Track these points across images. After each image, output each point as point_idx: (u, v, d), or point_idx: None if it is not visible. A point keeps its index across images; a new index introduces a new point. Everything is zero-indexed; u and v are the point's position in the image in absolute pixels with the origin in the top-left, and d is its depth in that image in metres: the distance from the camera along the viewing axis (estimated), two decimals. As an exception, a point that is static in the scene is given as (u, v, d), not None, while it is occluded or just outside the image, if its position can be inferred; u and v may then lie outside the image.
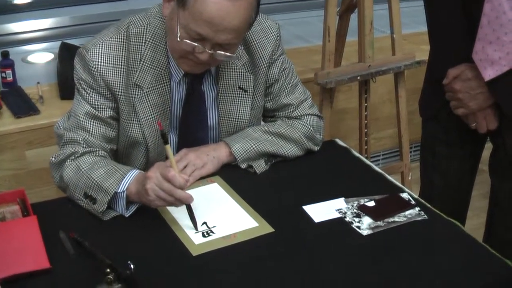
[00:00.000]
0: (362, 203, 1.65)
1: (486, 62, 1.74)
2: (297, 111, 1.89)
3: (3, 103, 2.60)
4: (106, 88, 1.68)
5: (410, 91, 2.86)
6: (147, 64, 1.69)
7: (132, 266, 1.31)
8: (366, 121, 2.77)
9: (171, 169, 1.51)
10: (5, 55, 2.75)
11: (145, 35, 1.69)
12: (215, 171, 1.78)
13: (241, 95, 1.80)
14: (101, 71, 1.66)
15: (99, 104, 1.69)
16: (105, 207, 1.57)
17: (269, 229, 1.55)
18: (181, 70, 1.71)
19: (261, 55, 1.80)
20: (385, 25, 2.81)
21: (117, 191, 1.56)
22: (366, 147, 2.81)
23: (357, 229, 1.56)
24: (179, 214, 1.59)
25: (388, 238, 1.53)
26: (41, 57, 3.14)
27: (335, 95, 3.07)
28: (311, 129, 1.87)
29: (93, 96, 1.69)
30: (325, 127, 1.97)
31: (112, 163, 1.66)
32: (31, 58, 3.12)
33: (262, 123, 1.94)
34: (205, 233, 1.53)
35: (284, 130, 1.84)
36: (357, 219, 1.59)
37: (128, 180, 1.58)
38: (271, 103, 1.88)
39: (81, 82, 1.69)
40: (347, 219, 1.60)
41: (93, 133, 1.69)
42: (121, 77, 1.68)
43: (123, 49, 1.68)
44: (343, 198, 1.68)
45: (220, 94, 1.79)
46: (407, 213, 1.62)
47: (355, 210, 1.63)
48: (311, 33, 3.59)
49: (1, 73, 2.74)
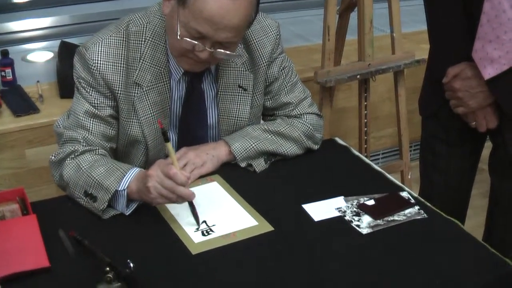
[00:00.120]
0: (361, 202, 1.65)
1: (485, 60, 1.74)
2: (296, 109, 1.89)
3: (2, 102, 2.60)
4: (105, 86, 1.67)
5: (409, 90, 2.86)
6: (146, 62, 1.68)
7: (131, 264, 1.31)
8: (365, 120, 2.77)
9: (172, 166, 1.51)
10: (5, 54, 2.75)
11: (145, 34, 1.69)
12: (215, 170, 1.78)
13: (240, 94, 1.80)
14: (101, 70, 1.66)
15: (98, 102, 1.69)
16: (106, 205, 1.57)
17: (268, 227, 1.55)
18: (181, 68, 1.71)
19: (261, 53, 1.80)
20: (385, 24, 2.81)
21: (117, 189, 1.56)
22: (365, 146, 2.81)
23: (357, 228, 1.56)
24: (178, 212, 1.59)
25: (387, 236, 1.53)
26: (41, 56, 3.13)
27: (335, 94, 3.07)
28: (310, 127, 1.87)
29: (92, 94, 1.68)
30: (324, 126, 1.97)
31: (112, 162, 1.66)
32: (30, 57, 3.12)
33: (261, 121, 1.93)
34: (205, 232, 1.53)
35: (283, 128, 1.84)
36: (356, 218, 1.59)
37: (129, 178, 1.58)
38: (270, 101, 1.88)
39: (81, 80, 1.69)
40: (347, 217, 1.59)
41: (93, 131, 1.69)
42: (120, 76, 1.67)
43: (122, 47, 1.68)
44: (342, 196, 1.67)
45: (219, 92, 1.79)
46: (407, 211, 1.62)
47: (354, 208, 1.63)
48: (311, 32, 3.59)
49: (0, 72, 2.74)
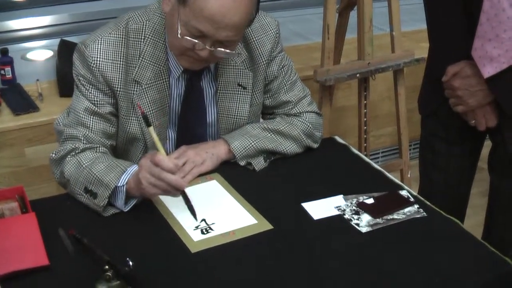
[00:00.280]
0: (361, 200, 1.65)
1: (485, 59, 1.74)
2: (296, 108, 1.89)
3: (2, 100, 2.60)
4: (105, 84, 1.67)
5: (409, 89, 2.86)
6: (146, 60, 1.68)
7: (131, 263, 1.31)
8: (365, 119, 2.77)
9: (158, 153, 1.50)
10: (4, 53, 2.75)
11: (144, 31, 1.69)
12: (214, 168, 1.77)
13: (240, 92, 1.80)
14: (100, 67, 1.66)
15: (98, 100, 1.69)
16: (106, 202, 1.57)
17: (268, 226, 1.55)
18: (180, 66, 1.71)
19: (260, 52, 1.80)
20: (385, 23, 2.80)
21: (117, 185, 1.56)
22: (365, 144, 2.81)
23: (356, 226, 1.56)
24: (178, 210, 1.59)
25: (387, 235, 1.53)
26: (40, 54, 3.13)
27: (335, 92, 3.07)
28: (310, 126, 1.87)
29: (92, 92, 1.68)
30: (324, 125, 1.97)
31: (113, 159, 1.66)
32: (30, 55, 3.12)
33: (261, 120, 1.93)
34: (204, 230, 1.53)
35: (283, 127, 1.84)
36: (356, 216, 1.59)
37: (128, 174, 1.58)
38: (270, 100, 1.88)
39: (80, 78, 1.69)
40: (346, 216, 1.59)
41: (93, 129, 1.69)
42: (120, 73, 1.67)
43: (122, 45, 1.68)
44: (342, 195, 1.67)
45: (219, 91, 1.79)
46: (406, 210, 1.62)
47: (354, 207, 1.63)
48: (311, 30, 3.59)
49: (0, 71, 2.74)
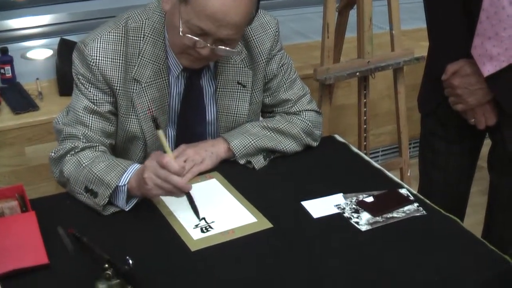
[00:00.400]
0: (360, 199, 1.65)
1: (485, 57, 1.74)
2: (295, 106, 1.89)
3: (2, 99, 2.60)
4: (104, 82, 1.67)
5: (409, 87, 2.85)
6: (145, 58, 1.68)
7: (130, 261, 1.31)
8: (365, 117, 2.77)
9: (165, 155, 1.51)
10: (4, 51, 2.75)
11: (144, 30, 1.69)
12: (214, 167, 1.77)
13: (239, 91, 1.80)
14: (100, 66, 1.66)
15: (97, 98, 1.68)
16: (106, 201, 1.57)
17: (267, 224, 1.55)
18: (180, 64, 1.71)
19: (260, 50, 1.80)
20: (384, 21, 2.80)
21: (118, 184, 1.56)
22: (365, 143, 2.81)
23: (356, 225, 1.56)
24: (177, 208, 1.59)
25: (386, 233, 1.53)
26: (40, 53, 3.13)
27: (334, 91, 3.07)
28: (309, 124, 1.87)
29: (91, 90, 1.68)
30: (324, 123, 1.97)
31: (112, 158, 1.66)
32: (30, 54, 3.12)
33: (260, 118, 1.93)
34: (204, 229, 1.53)
35: (282, 125, 1.84)
36: (355, 215, 1.59)
37: (129, 173, 1.58)
38: (269, 98, 1.88)
39: (80, 77, 1.69)
40: (346, 214, 1.59)
41: (92, 128, 1.69)
42: (119, 72, 1.67)
43: (121, 43, 1.68)
44: (341, 193, 1.67)
45: (218, 89, 1.79)
46: (406, 208, 1.62)
47: (353, 205, 1.63)
48: (311, 29, 3.59)
49: (0, 69, 2.74)
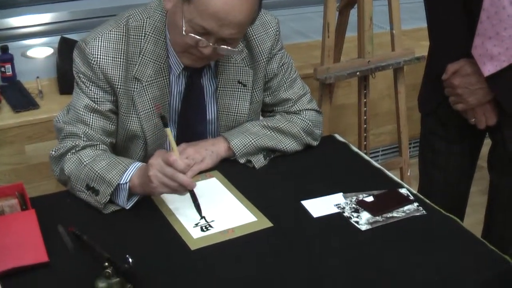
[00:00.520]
0: (360, 198, 1.65)
1: (485, 57, 1.74)
2: (296, 106, 1.89)
3: (2, 97, 2.60)
4: (105, 81, 1.67)
5: (409, 87, 2.86)
6: (146, 57, 1.68)
7: (130, 260, 1.31)
8: (365, 117, 2.77)
9: (172, 153, 1.51)
10: (5, 50, 2.75)
11: (145, 28, 1.69)
12: (214, 166, 1.78)
13: (240, 90, 1.80)
14: (101, 64, 1.66)
15: (98, 97, 1.69)
16: (108, 199, 1.57)
17: (267, 223, 1.55)
18: (181, 63, 1.71)
19: (261, 49, 1.80)
20: (385, 21, 2.80)
21: (119, 182, 1.56)
22: (365, 143, 2.81)
23: (356, 224, 1.56)
24: (178, 207, 1.59)
25: (386, 233, 1.53)
26: (41, 51, 3.13)
27: (334, 90, 3.07)
28: (310, 124, 1.87)
29: (92, 89, 1.68)
30: (324, 123, 1.97)
31: (114, 156, 1.66)
32: (30, 52, 3.12)
33: (261, 118, 1.94)
34: (204, 228, 1.53)
35: (283, 124, 1.84)
36: (355, 214, 1.59)
37: (131, 172, 1.58)
38: (270, 97, 1.88)
39: (80, 75, 1.69)
40: (346, 214, 1.60)
41: (93, 126, 1.69)
42: (120, 70, 1.67)
43: (122, 42, 1.68)
44: (341, 193, 1.67)
45: (219, 88, 1.79)
46: (406, 208, 1.62)
47: (353, 205, 1.63)
48: (311, 28, 3.59)
49: (0, 68, 2.74)
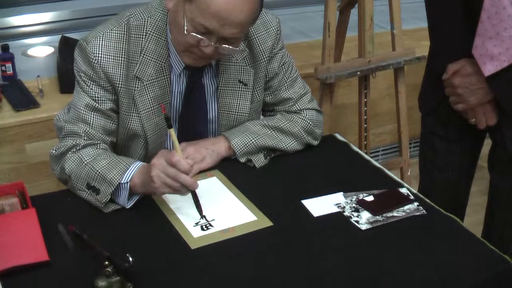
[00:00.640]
0: (361, 198, 1.65)
1: (485, 57, 1.74)
2: (296, 105, 1.89)
3: (3, 96, 2.60)
4: (106, 80, 1.67)
5: (410, 87, 2.86)
6: (147, 56, 1.68)
7: (130, 258, 1.31)
8: (365, 117, 2.77)
9: (175, 154, 1.51)
10: (5, 49, 2.75)
11: (146, 28, 1.69)
12: (214, 165, 1.78)
13: (241, 89, 1.80)
14: (102, 63, 1.66)
15: (99, 96, 1.69)
16: (108, 198, 1.57)
17: (267, 223, 1.56)
18: (182, 63, 1.71)
19: (261, 49, 1.80)
20: (385, 21, 2.80)
21: (120, 182, 1.56)
22: (365, 142, 2.81)
23: (356, 224, 1.56)
24: (178, 206, 1.59)
25: (386, 232, 1.53)
26: (41, 50, 3.13)
27: (335, 90, 3.06)
28: (310, 123, 1.87)
29: (93, 88, 1.68)
30: (324, 122, 1.97)
31: (114, 155, 1.66)
32: (31, 51, 3.12)
33: (261, 117, 1.94)
34: (204, 227, 1.53)
35: (283, 124, 1.84)
36: (355, 214, 1.59)
37: (132, 171, 1.58)
38: (270, 97, 1.88)
39: (81, 74, 1.69)
40: (346, 213, 1.60)
41: (94, 125, 1.69)
42: (121, 69, 1.67)
43: (123, 41, 1.68)
44: (342, 192, 1.67)
45: (220, 87, 1.79)
46: (406, 208, 1.62)
47: (354, 204, 1.63)
48: (311, 28, 3.59)
49: (1, 67, 2.74)
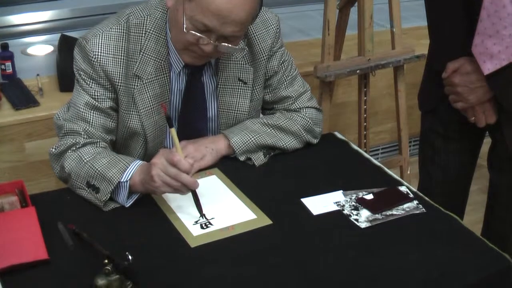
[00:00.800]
0: (360, 196, 1.65)
1: (485, 55, 1.74)
2: (296, 103, 1.89)
3: (2, 95, 2.60)
4: (106, 78, 1.67)
5: (409, 85, 2.86)
6: (147, 55, 1.68)
7: (130, 257, 1.31)
8: (365, 115, 2.77)
9: (176, 153, 1.51)
10: (5, 47, 2.75)
11: (146, 26, 1.69)
12: (214, 163, 1.78)
13: (240, 87, 1.80)
14: (101, 62, 1.66)
15: (99, 94, 1.69)
16: (108, 196, 1.57)
17: (267, 221, 1.56)
18: (181, 61, 1.71)
19: (261, 47, 1.80)
20: (385, 19, 2.80)
21: (120, 180, 1.56)
22: (365, 141, 2.81)
23: (355, 222, 1.56)
24: (178, 204, 1.59)
25: (386, 231, 1.53)
26: (41, 49, 3.13)
27: (335, 88, 3.07)
28: (310, 121, 1.87)
29: (93, 86, 1.68)
30: (324, 121, 1.97)
31: (114, 154, 1.66)
32: (30, 50, 3.12)
33: (261, 115, 1.94)
34: (204, 225, 1.53)
35: (283, 122, 1.84)
36: (355, 212, 1.59)
37: (132, 170, 1.58)
38: (270, 95, 1.88)
39: (81, 72, 1.69)
40: (345, 211, 1.60)
41: (93, 124, 1.69)
42: (121, 68, 1.67)
43: (123, 39, 1.68)
44: (341, 191, 1.68)
45: (219, 85, 1.79)
46: (405, 206, 1.62)
47: (353, 203, 1.63)
48: (311, 26, 3.59)
49: (0, 65, 2.73)
